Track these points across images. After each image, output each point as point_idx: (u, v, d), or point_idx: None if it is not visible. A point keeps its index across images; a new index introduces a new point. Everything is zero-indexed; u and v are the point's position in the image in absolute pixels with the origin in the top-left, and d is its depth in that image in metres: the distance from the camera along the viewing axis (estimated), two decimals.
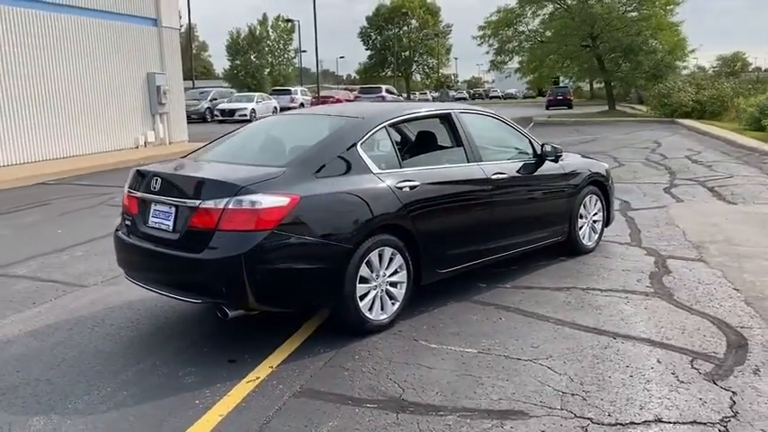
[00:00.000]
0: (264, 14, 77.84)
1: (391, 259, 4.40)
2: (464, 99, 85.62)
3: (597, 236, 6.43)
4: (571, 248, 6.16)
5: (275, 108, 32.27)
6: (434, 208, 4.69)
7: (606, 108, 35.29)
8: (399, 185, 4.43)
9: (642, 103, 37.93)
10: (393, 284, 4.45)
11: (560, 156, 5.78)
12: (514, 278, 5.53)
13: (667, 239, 6.79)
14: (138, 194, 4.39)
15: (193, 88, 39.37)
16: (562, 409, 3.29)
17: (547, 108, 43.06)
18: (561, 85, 47.50)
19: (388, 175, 4.45)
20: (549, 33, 35.17)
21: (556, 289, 5.24)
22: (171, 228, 4.08)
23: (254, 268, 3.78)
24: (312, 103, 37.01)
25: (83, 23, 15.46)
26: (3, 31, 13.21)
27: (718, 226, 7.39)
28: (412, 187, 4.51)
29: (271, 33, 75.99)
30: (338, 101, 36.45)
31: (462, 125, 5.18)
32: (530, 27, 35.77)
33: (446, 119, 5.19)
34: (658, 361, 3.83)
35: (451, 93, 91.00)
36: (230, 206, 3.80)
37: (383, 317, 4.39)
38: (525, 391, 3.51)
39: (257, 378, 3.72)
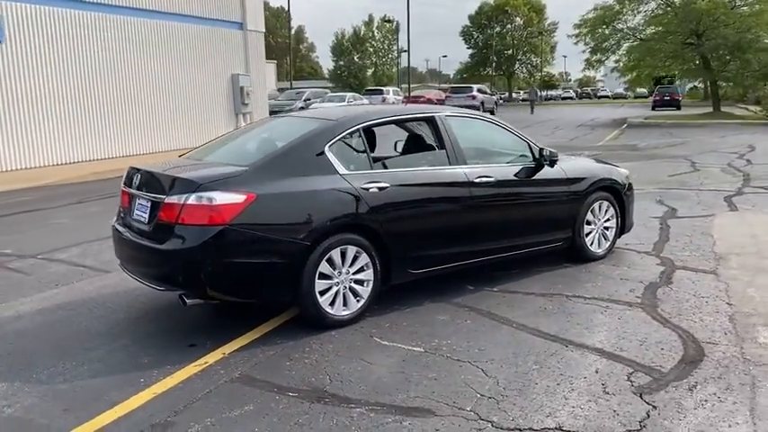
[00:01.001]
0: (370, 15, 79.35)
1: (356, 257, 4.55)
2: (570, 98, 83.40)
3: (609, 243, 6.24)
4: (577, 255, 6.03)
5: None
6: (406, 209, 4.79)
7: (711, 110, 33.18)
8: (366, 186, 4.57)
9: (759, 104, 35.31)
10: (359, 282, 4.60)
11: (556, 160, 5.67)
12: (506, 282, 5.51)
13: (691, 249, 6.48)
14: (127, 190, 4.80)
15: (291, 88, 40.84)
16: (470, 411, 3.33)
17: (653, 109, 41.14)
18: (669, 84, 45.11)
19: (355, 177, 4.59)
20: (650, 30, 33.49)
21: (540, 295, 5.18)
22: (146, 221, 4.45)
23: (207, 260, 4.07)
24: (403, 103, 37.36)
25: (175, 29, 16.52)
26: (103, 36, 14.38)
27: (757, 237, 6.95)
28: (381, 188, 4.63)
29: (376, 34, 77.51)
30: (429, 100, 36.61)
31: (447, 129, 5.22)
32: (628, 24, 34.23)
33: (430, 122, 5.25)
34: (596, 371, 3.76)
35: (558, 92, 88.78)
36: (189, 201, 4.10)
37: (345, 313, 4.54)
38: (446, 391, 3.56)
39: (206, 363, 4.00)
